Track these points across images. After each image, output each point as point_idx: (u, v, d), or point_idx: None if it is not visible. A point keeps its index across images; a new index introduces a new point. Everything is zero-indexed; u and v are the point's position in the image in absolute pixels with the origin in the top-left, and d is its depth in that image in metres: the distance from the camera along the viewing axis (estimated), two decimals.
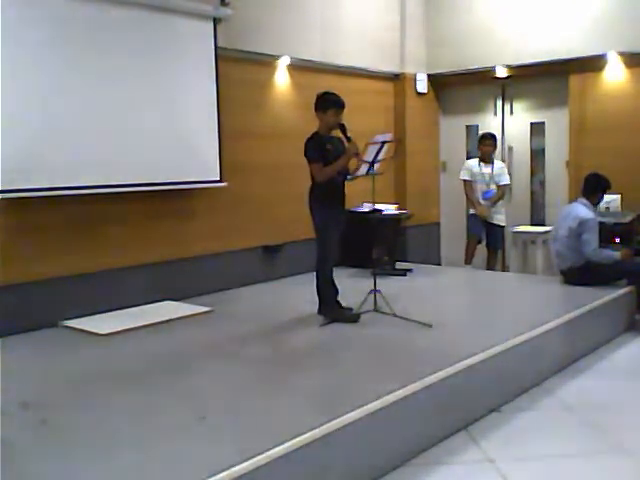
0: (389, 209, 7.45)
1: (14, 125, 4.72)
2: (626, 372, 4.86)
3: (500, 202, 7.40)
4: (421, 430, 3.57)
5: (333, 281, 5.20)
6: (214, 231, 6.32)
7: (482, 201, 7.36)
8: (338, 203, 5.16)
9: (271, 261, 6.87)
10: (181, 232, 6.07)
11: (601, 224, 6.08)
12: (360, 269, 6.70)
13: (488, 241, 7.51)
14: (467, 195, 7.47)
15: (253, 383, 3.82)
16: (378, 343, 4.59)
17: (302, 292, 5.85)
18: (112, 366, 4.20)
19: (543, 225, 7.87)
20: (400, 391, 3.47)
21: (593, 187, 6.06)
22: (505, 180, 7.41)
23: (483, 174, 7.35)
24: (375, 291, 5.13)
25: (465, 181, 7.45)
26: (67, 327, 5.09)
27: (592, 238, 5.85)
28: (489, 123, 8.39)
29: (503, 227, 7.49)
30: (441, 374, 3.75)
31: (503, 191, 7.41)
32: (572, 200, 6.58)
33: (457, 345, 4.32)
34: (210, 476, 2.60)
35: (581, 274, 5.97)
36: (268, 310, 5.62)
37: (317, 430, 3.00)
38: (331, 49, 7.34)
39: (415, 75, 8.43)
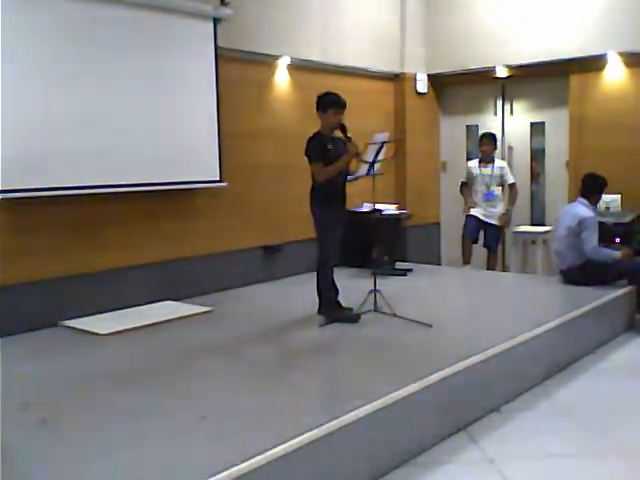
0: (389, 209, 7.45)
1: (14, 125, 4.72)
2: (626, 372, 4.85)
3: (500, 203, 7.39)
4: (421, 430, 3.57)
5: (333, 281, 5.20)
6: (214, 231, 6.32)
7: (483, 203, 7.35)
8: (339, 203, 5.16)
9: (271, 261, 6.87)
10: (181, 232, 6.07)
11: (601, 224, 6.10)
12: (360, 269, 6.70)
13: (485, 241, 7.52)
14: (463, 196, 7.51)
15: (253, 383, 3.82)
16: (378, 343, 4.59)
17: (302, 292, 5.85)
18: (112, 366, 4.20)
19: (543, 225, 7.87)
20: (400, 391, 3.47)
21: (590, 187, 6.08)
22: (510, 179, 7.42)
23: (483, 175, 7.36)
24: (375, 291, 5.13)
25: (461, 182, 7.50)
26: (67, 327, 5.09)
27: (591, 236, 5.86)
28: (489, 123, 8.39)
29: (500, 227, 7.48)
30: (441, 374, 3.75)
31: (516, 190, 7.45)
32: (572, 200, 6.59)
33: (457, 345, 4.33)
34: (210, 476, 2.60)
35: (581, 274, 5.98)
36: (268, 310, 5.62)
37: (317, 430, 3.00)
38: (331, 49, 7.34)
39: (415, 75, 8.43)
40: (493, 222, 7.36)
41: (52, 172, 4.99)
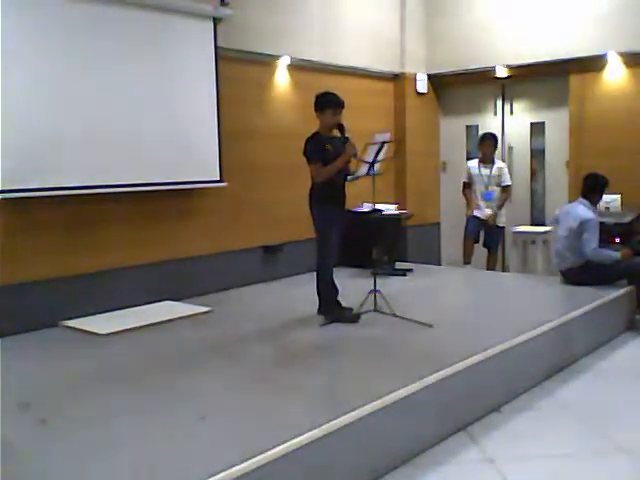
0: (389, 209, 7.45)
1: (14, 125, 4.72)
2: (626, 372, 4.85)
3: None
4: (421, 430, 3.57)
5: (333, 281, 5.20)
6: (214, 231, 6.32)
7: (481, 202, 7.36)
8: (338, 203, 5.15)
9: (271, 261, 6.87)
10: (181, 232, 6.07)
11: (601, 224, 6.09)
12: (360, 269, 6.69)
13: (485, 241, 7.53)
14: (465, 196, 7.51)
15: (253, 383, 3.82)
16: (378, 343, 4.59)
17: (302, 292, 5.85)
18: (112, 366, 4.20)
19: (543, 225, 7.87)
20: (400, 391, 3.47)
21: (591, 187, 6.07)
22: (507, 181, 7.43)
23: (482, 175, 7.37)
24: (375, 291, 5.13)
25: (463, 183, 7.50)
26: (67, 327, 5.09)
27: (592, 237, 5.85)
28: (489, 123, 8.39)
29: (501, 228, 7.51)
30: (441, 374, 3.75)
31: (508, 193, 7.46)
32: (572, 200, 6.59)
33: (457, 345, 4.32)
34: (210, 476, 2.60)
35: (581, 274, 5.98)
36: (268, 310, 5.62)
37: (317, 430, 3.00)
38: (331, 49, 7.35)
39: (415, 75, 8.43)
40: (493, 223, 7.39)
41: (52, 172, 4.99)
